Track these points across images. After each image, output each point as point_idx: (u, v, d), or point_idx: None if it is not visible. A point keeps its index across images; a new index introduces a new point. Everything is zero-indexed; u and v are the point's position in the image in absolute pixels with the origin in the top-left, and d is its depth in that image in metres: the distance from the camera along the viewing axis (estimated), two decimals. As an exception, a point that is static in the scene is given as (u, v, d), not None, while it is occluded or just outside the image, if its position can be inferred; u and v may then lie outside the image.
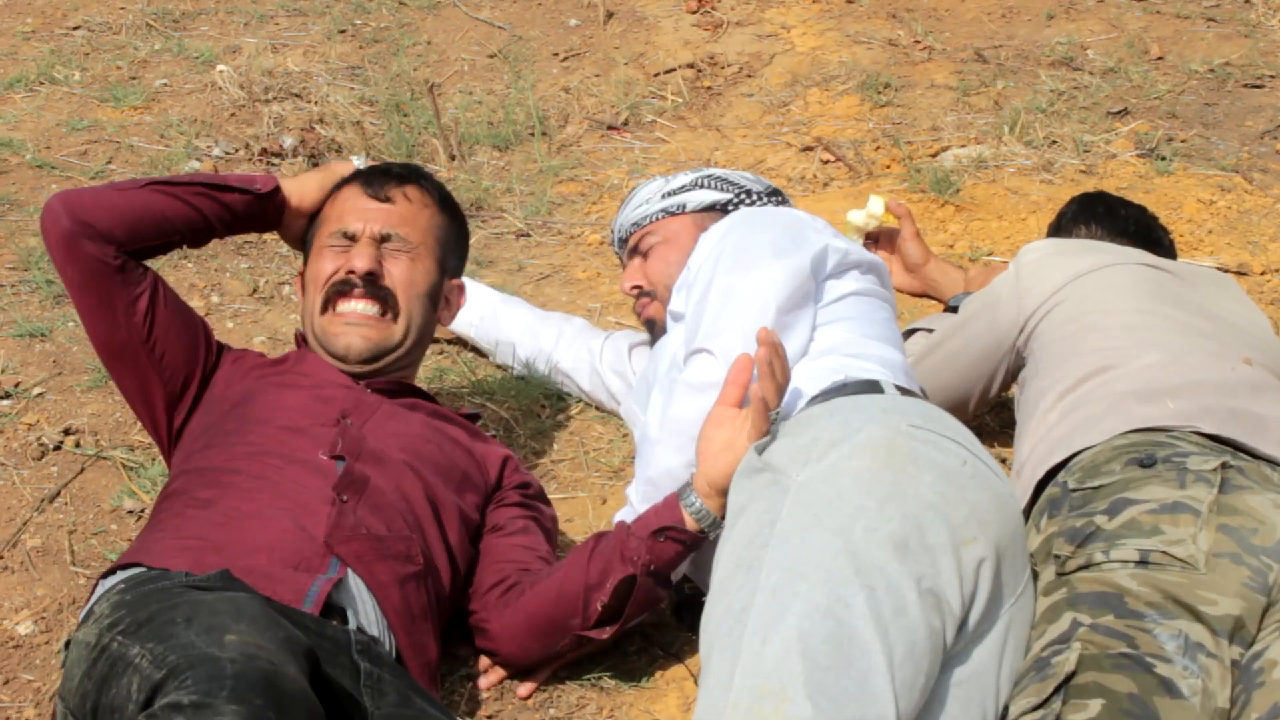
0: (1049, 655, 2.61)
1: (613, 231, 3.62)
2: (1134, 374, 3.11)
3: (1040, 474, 3.06)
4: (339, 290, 3.16)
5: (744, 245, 3.10)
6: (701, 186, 3.49)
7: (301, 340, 3.27)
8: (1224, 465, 2.79)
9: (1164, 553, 2.66)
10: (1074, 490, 2.89)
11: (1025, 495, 3.05)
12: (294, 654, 2.29)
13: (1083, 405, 3.11)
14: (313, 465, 2.86)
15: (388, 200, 3.24)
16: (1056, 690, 2.52)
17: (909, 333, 3.70)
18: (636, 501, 2.97)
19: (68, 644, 2.51)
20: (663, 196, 3.49)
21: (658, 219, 3.48)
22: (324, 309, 3.17)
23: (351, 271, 3.14)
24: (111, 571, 2.69)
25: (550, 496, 3.31)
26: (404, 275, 3.19)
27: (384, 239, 3.20)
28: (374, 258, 3.16)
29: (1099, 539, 2.74)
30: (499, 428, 3.81)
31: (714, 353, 2.92)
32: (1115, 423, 3.02)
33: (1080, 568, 2.73)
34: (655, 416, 3.07)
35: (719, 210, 3.48)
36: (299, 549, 2.69)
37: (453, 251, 3.37)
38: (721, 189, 3.50)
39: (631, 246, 3.52)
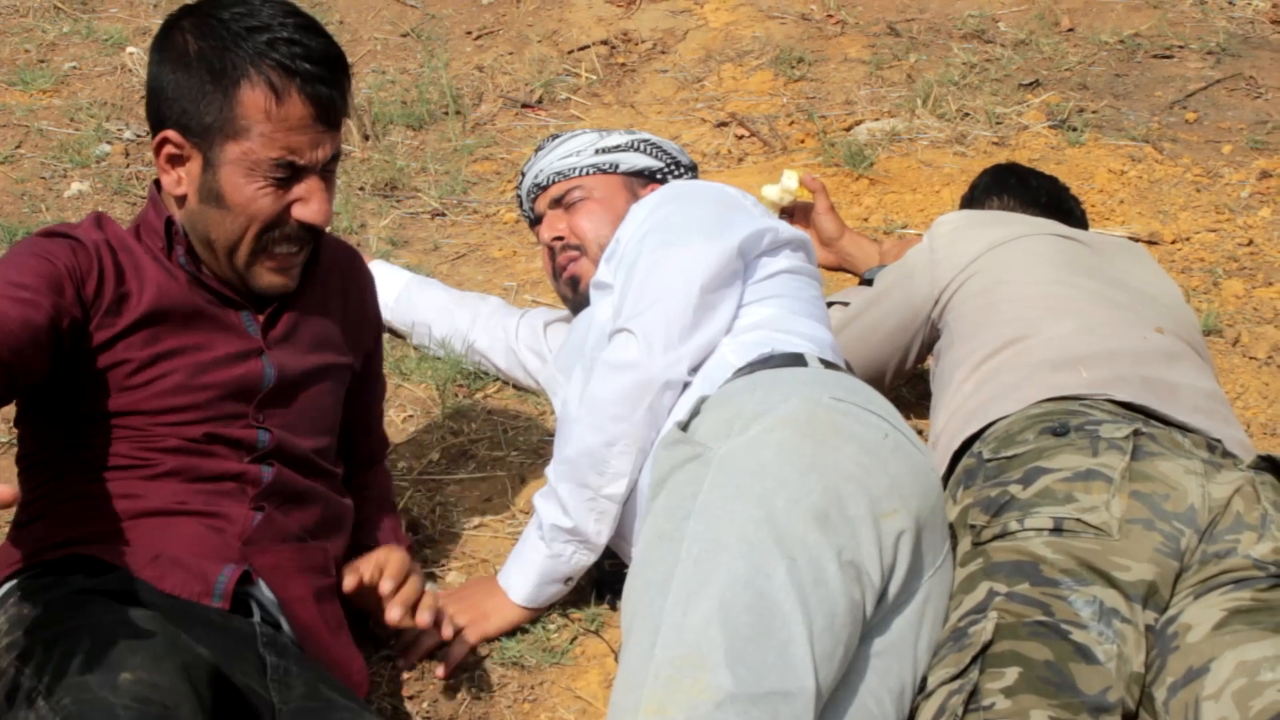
0: (966, 625, 2.63)
1: (524, 175, 3.58)
2: (1047, 343, 3.13)
3: (956, 445, 3.08)
4: (281, 242, 2.70)
5: (675, 222, 3.10)
6: (636, 149, 3.49)
7: (161, 219, 2.71)
8: (1136, 432, 2.82)
9: (1078, 520, 2.68)
10: (989, 460, 2.92)
11: (942, 466, 3.06)
12: (193, 684, 2.25)
13: (997, 375, 3.13)
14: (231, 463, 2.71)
15: (337, 125, 2.69)
16: (974, 660, 2.54)
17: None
18: (554, 480, 2.96)
19: None
20: (596, 152, 3.47)
21: (587, 173, 3.46)
22: (254, 256, 2.68)
23: (306, 227, 2.69)
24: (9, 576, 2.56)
25: (469, 476, 3.31)
26: (332, 203, 2.75)
27: (326, 165, 2.70)
28: (329, 207, 2.71)
29: (1013, 508, 2.76)
30: (416, 408, 3.80)
31: (634, 332, 2.92)
32: (1029, 392, 3.04)
33: (995, 537, 2.75)
34: (575, 395, 3.06)
35: (648, 177, 3.48)
36: (210, 549, 2.60)
37: None
38: (655, 156, 3.50)
39: (554, 196, 3.49)
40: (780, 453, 2.54)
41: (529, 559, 2.98)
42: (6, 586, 2.53)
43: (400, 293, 3.98)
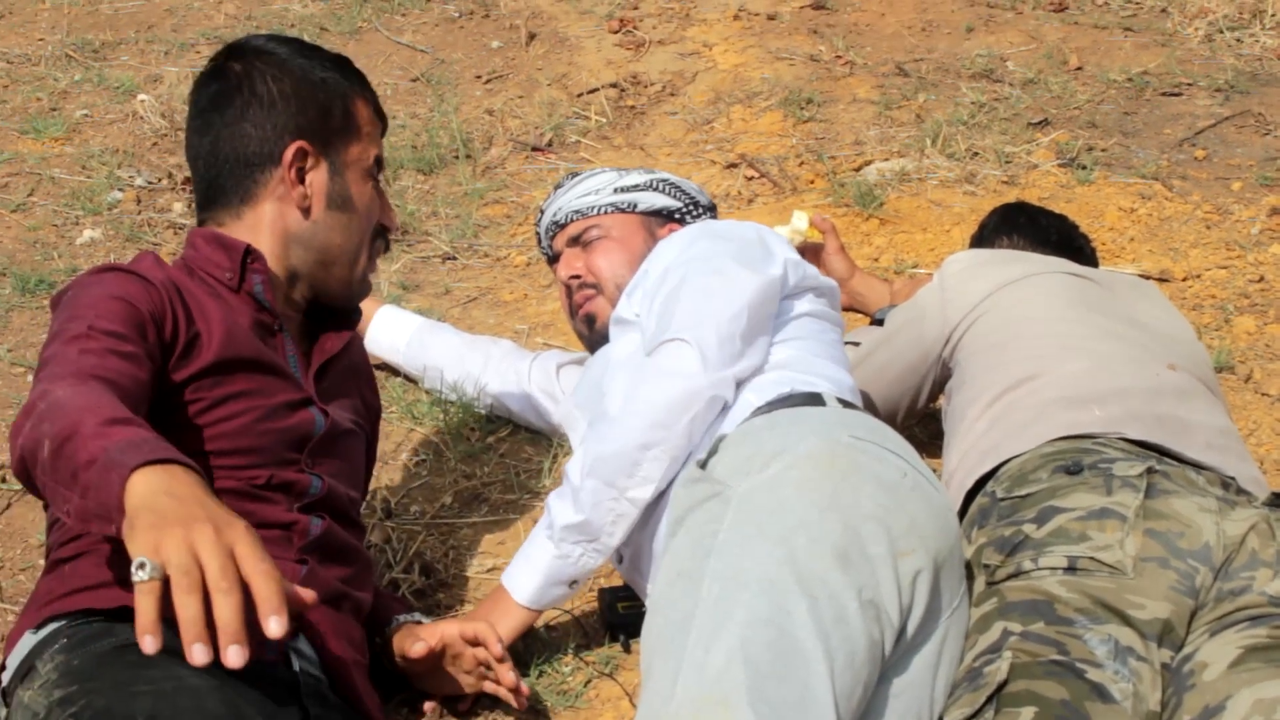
0: (981, 665, 2.62)
1: (544, 212, 3.57)
2: (1060, 381, 3.13)
3: (969, 483, 3.07)
4: (382, 248, 2.94)
5: (716, 253, 3.09)
6: (655, 189, 3.49)
7: (229, 251, 2.72)
8: (1149, 470, 2.81)
9: (1091, 558, 2.67)
10: (1002, 499, 2.91)
11: (955, 505, 3.06)
12: None
13: (1010, 413, 3.12)
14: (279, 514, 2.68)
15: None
16: (989, 700, 2.53)
17: None
18: (578, 476, 2.90)
19: (3, 693, 2.42)
20: (615, 191, 3.48)
21: (606, 212, 3.47)
22: (372, 257, 2.89)
23: (393, 228, 2.95)
24: (44, 622, 2.46)
25: (481, 519, 3.30)
26: None
27: None
28: None
29: (1027, 547, 2.75)
30: (429, 452, 3.80)
31: (690, 342, 2.89)
32: (1042, 430, 3.03)
33: (1009, 576, 2.74)
34: (616, 398, 3.03)
35: (667, 217, 3.48)
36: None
37: None
38: (674, 195, 3.50)
39: (572, 235, 3.50)
40: (800, 491, 2.53)
41: (535, 559, 2.94)
42: (52, 627, 2.43)
43: (412, 337, 3.99)
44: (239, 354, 2.62)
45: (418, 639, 2.86)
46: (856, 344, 3.69)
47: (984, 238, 3.84)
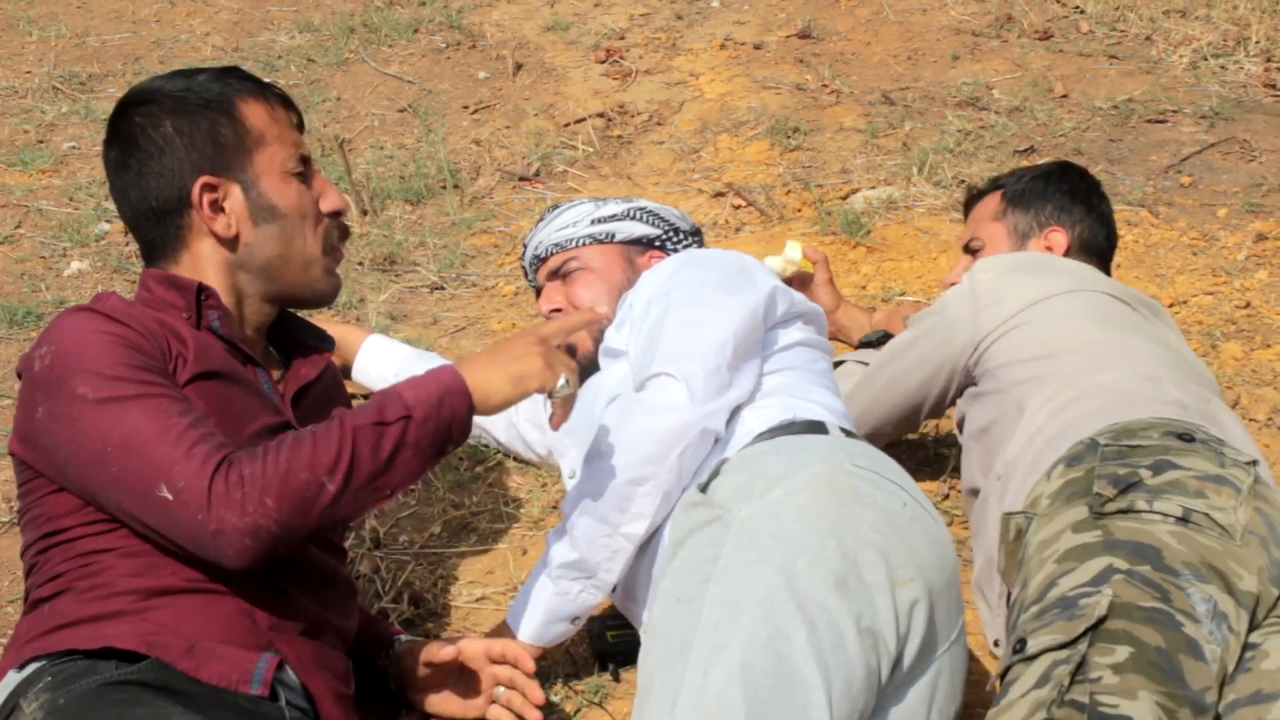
0: (1076, 596, 2.58)
1: (526, 247, 3.58)
2: (1116, 385, 3.11)
3: (1050, 459, 3.00)
4: (336, 237, 2.83)
5: (698, 282, 3.09)
6: (632, 218, 3.49)
7: (182, 290, 2.70)
8: (1254, 462, 2.82)
9: (1206, 515, 2.65)
10: (1107, 445, 2.86)
11: (1023, 489, 3.02)
12: None
13: (1080, 401, 3.09)
14: None
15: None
16: (1085, 632, 2.50)
17: (836, 364, 3.68)
18: (572, 513, 2.91)
19: None
20: (592, 222, 3.48)
21: (584, 244, 3.48)
22: (325, 255, 2.80)
23: (339, 212, 2.83)
24: (26, 662, 2.46)
25: (470, 548, 3.29)
26: None
27: None
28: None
29: (1142, 490, 2.72)
30: (417, 482, 3.79)
31: (676, 376, 2.88)
32: (1128, 410, 3.02)
33: (1120, 511, 2.71)
34: (606, 434, 3.01)
35: (647, 245, 3.48)
36: (241, 634, 2.52)
37: None
38: (652, 223, 3.50)
39: (552, 268, 3.50)
40: (801, 517, 2.53)
41: (535, 597, 2.95)
42: (34, 666, 2.43)
43: (400, 367, 3.98)
44: (213, 367, 2.61)
45: (444, 645, 2.87)
46: (864, 363, 3.67)
47: (1031, 197, 3.72)
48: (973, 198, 3.89)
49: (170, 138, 2.69)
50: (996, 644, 3.11)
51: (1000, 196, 3.74)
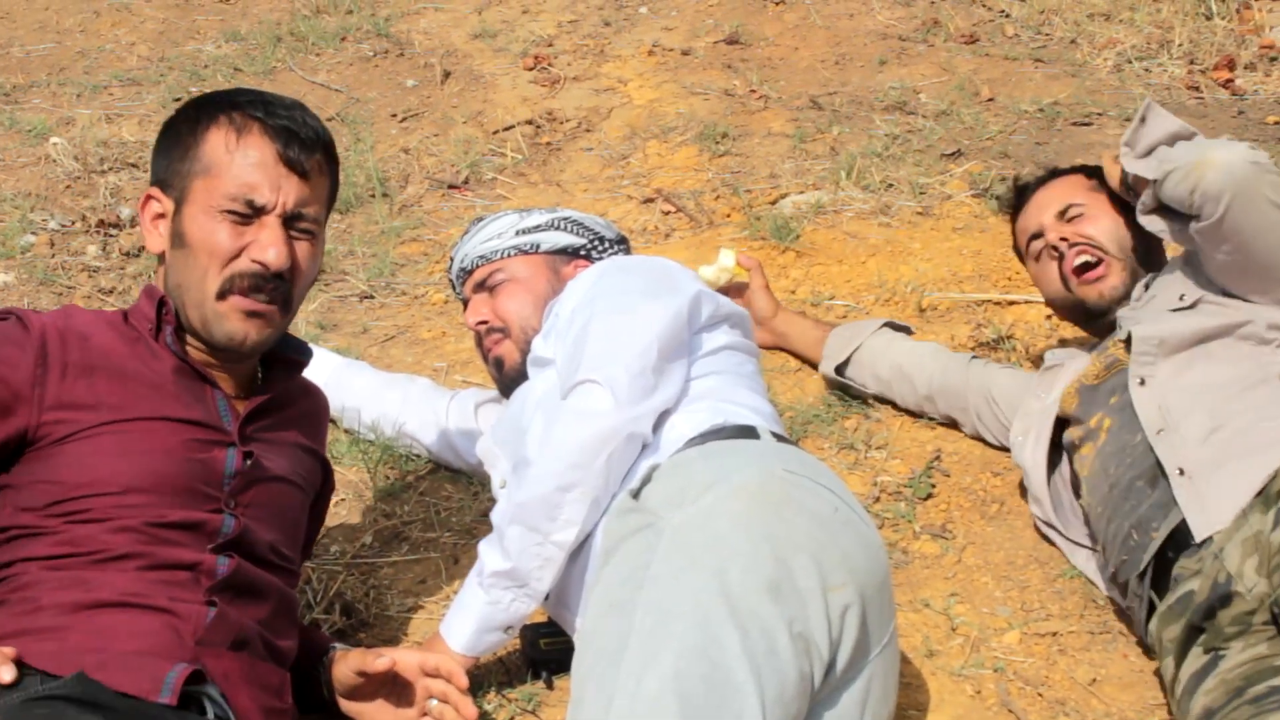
0: None
1: (453, 260, 3.58)
2: None
3: None
4: (245, 283, 2.71)
5: (621, 289, 3.11)
6: (556, 228, 3.49)
7: (153, 302, 2.76)
8: None
9: None
10: None
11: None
12: None
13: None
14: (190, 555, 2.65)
15: (304, 174, 2.75)
16: None
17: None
18: (502, 523, 2.91)
19: None
20: (517, 233, 3.48)
21: (509, 255, 3.47)
22: (221, 295, 2.71)
23: (263, 265, 2.70)
24: None
25: (402, 558, 3.28)
26: (306, 265, 2.79)
27: (293, 218, 2.75)
28: (287, 252, 2.72)
29: None
30: (348, 491, 3.78)
31: (601, 382, 2.89)
32: None
33: None
34: (534, 440, 3.03)
35: (572, 254, 3.49)
36: (166, 648, 2.52)
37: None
38: (576, 233, 3.50)
39: (478, 280, 3.50)
40: (734, 523, 2.54)
41: (468, 606, 2.95)
42: None
43: (329, 377, 3.95)
44: (107, 363, 2.66)
45: (379, 655, 2.86)
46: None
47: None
48: (1032, 185, 3.83)
49: (154, 149, 2.83)
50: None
51: (1085, 175, 3.73)
